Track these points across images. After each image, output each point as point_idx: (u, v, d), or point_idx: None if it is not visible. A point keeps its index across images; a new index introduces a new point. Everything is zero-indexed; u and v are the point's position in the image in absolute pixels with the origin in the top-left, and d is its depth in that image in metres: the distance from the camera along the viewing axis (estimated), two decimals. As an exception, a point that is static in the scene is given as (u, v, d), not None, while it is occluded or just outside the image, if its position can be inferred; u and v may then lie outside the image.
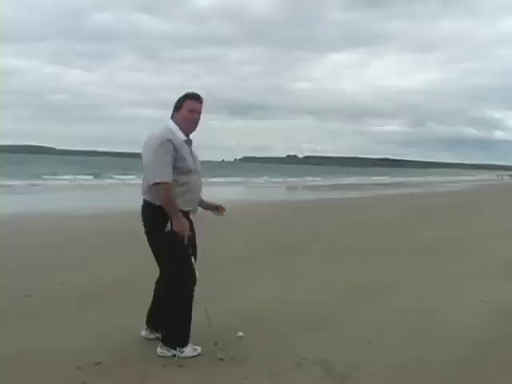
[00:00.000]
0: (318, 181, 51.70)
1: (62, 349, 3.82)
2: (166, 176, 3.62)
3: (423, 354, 3.92)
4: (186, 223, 3.71)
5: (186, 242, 3.69)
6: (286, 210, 16.93)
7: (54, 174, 41.17)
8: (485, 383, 3.57)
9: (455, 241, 9.97)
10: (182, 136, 3.80)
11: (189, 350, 3.76)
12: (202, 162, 4.17)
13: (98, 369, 3.49)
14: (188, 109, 3.81)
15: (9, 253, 7.57)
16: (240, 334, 4.13)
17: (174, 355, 3.70)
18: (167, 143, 3.65)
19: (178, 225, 3.64)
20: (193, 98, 3.85)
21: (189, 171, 3.77)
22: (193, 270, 3.76)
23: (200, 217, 4.11)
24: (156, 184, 3.62)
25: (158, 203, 3.68)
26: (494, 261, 7.90)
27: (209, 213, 4.22)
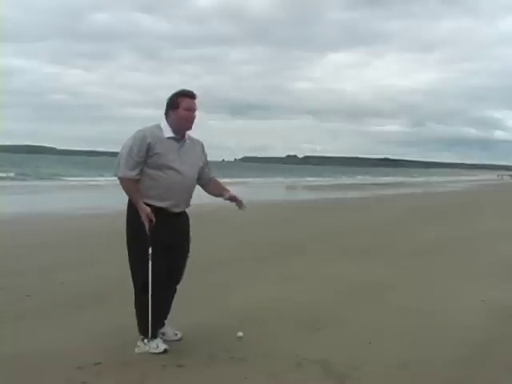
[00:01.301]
0: (332, 180, 51.80)
1: (62, 349, 3.82)
2: (123, 172, 3.71)
3: (423, 354, 3.92)
4: (148, 210, 3.69)
5: (147, 231, 3.68)
6: (286, 210, 16.93)
7: (78, 175, 40.19)
8: (485, 383, 3.57)
9: (455, 241, 9.97)
10: (169, 133, 3.77)
11: (152, 346, 3.78)
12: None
13: (98, 369, 3.49)
14: (185, 107, 3.80)
15: (9, 253, 7.57)
16: (240, 334, 4.13)
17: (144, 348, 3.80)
18: (139, 138, 3.70)
19: (140, 213, 3.70)
20: (189, 96, 3.83)
21: (164, 167, 3.74)
22: (155, 268, 3.72)
23: (199, 217, 4.11)
24: (118, 178, 3.79)
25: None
26: (494, 261, 7.90)
27: (206, 214, 4.23)
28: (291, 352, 3.85)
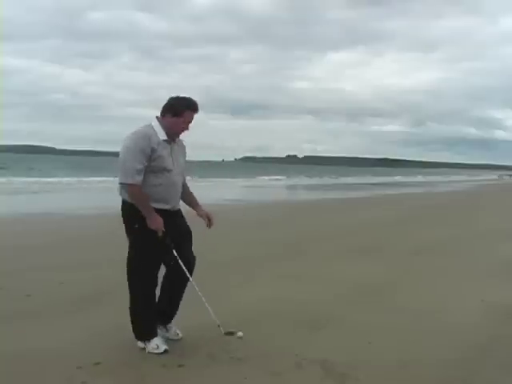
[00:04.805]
0: (333, 180, 51.64)
1: (62, 349, 3.82)
2: (132, 178, 3.62)
3: (423, 353, 3.92)
4: (160, 220, 3.68)
5: (160, 236, 3.69)
6: (287, 210, 16.93)
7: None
8: (485, 383, 3.57)
9: (455, 241, 9.97)
10: (163, 135, 3.75)
11: (151, 346, 3.78)
12: (202, 163, 4.17)
13: (98, 369, 3.49)
14: (187, 121, 3.82)
15: (9, 253, 7.58)
16: (240, 333, 4.13)
17: (144, 348, 3.80)
18: (143, 143, 3.64)
19: (151, 223, 3.67)
20: (193, 110, 3.82)
21: (164, 170, 3.74)
22: (153, 271, 3.78)
23: (199, 218, 4.11)
24: (122, 184, 3.69)
25: (129, 200, 3.74)
26: (494, 261, 7.90)
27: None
28: (291, 352, 3.85)
